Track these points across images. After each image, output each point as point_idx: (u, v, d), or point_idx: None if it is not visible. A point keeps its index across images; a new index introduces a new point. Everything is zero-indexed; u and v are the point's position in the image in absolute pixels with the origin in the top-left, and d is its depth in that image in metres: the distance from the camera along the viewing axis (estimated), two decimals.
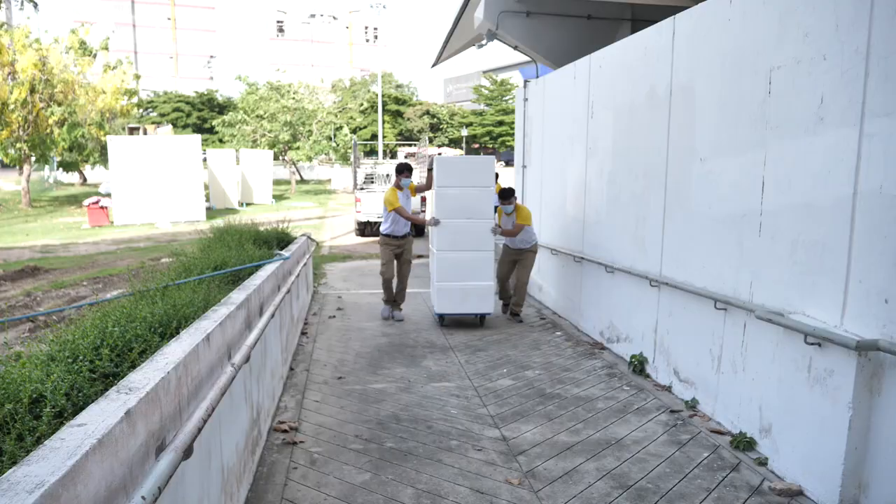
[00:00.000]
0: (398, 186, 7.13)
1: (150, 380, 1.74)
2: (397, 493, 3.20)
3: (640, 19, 9.84)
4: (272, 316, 3.69)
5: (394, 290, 7.41)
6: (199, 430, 1.80)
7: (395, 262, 7.36)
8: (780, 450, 3.47)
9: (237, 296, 3.25)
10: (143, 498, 1.33)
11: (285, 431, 3.99)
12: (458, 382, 5.02)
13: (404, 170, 7.20)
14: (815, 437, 3.17)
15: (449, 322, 7.05)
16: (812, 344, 3.15)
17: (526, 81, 9.28)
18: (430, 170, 7.00)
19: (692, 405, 4.43)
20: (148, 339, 2.75)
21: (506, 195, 6.99)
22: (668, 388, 4.81)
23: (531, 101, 8.69)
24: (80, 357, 2.40)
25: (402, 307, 7.50)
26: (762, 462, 3.56)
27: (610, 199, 6.02)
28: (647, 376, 5.13)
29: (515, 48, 10.10)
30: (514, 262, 7.30)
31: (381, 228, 7.34)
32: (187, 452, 1.71)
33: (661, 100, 4.97)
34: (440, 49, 13.72)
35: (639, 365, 5.23)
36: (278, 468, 3.47)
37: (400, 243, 7.29)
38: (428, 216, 8.36)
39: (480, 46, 10.30)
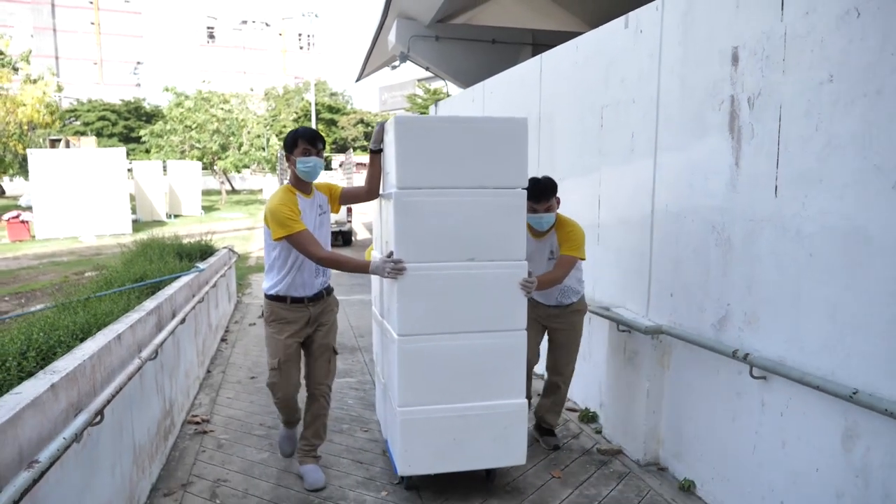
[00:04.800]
0: (298, 185, 3.42)
1: (69, 365, 2.31)
2: (289, 465, 3.81)
3: (541, 44, 10.71)
4: (183, 321, 4.23)
5: (299, 411, 3.77)
6: (108, 401, 2.38)
7: (301, 356, 3.65)
8: (609, 419, 4.25)
9: (149, 303, 3.80)
10: (63, 438, 1.91)
11: (197, 423, 4.52)
12: (359, 378, 5.65)
13: (315, 139, 3.38)
14: (628, 406, 3.95)
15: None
16: (623, 331, 3.93)
17: (437, 101, 10.05)
18: (373, 151, 3.57)
19: None
20: (70, 344, 3.26)
21: (539, 193, 3.61)
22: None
23: None
24: (9, 360, 2.91)
25: (318, 454, 3.73)
26: (598, 431, 4.34)
27: None
28: None
29: (427, 69, 10.84)
30: (543, 332, 4.05)
31: (265, 287, 3.52)
32: (98, 417, 2.28)
33: (534, 125, 5.74)
34: (362, 66, 14.36)
35: None
36: (189, 452, 4.02)
37: (307, 315, 3.53)
38: (376, 254, 3.99)
39: (394, 68, 10.98)
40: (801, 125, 2.65)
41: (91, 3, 61.34)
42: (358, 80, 15.59)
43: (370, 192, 3.70)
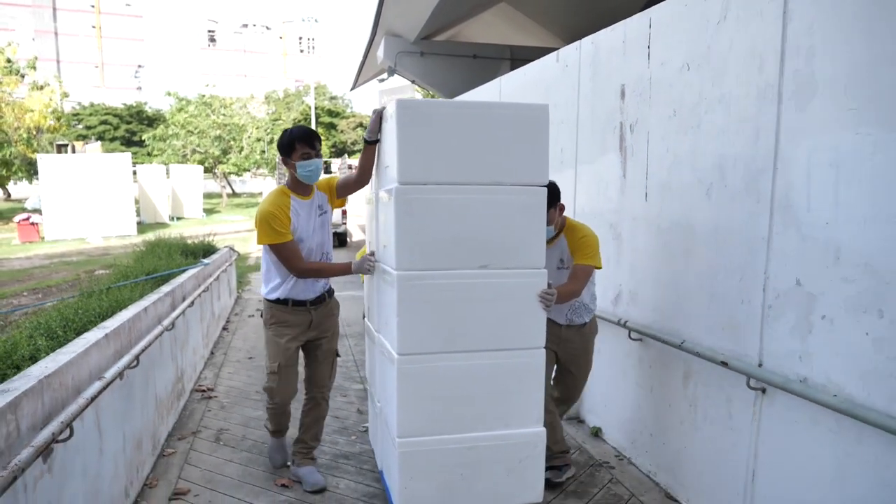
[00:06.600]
0: (297, 188, 3.36)
1: (114, 324, 3.18)
2: None
3: (518, 58, 11.58)
4: (192, 304, 5.10)
5: (289, 418, 3.81)
6: (143, 350, 3.25)
7: (300, 360, 3.58)
8: None
9: (165, 288, 4.68)
10: (118, 367, 2.78)
11: (203, 391, 5.39)
12: (344, 357, 6.51)
13: (313, 139, 3.30)
14: None
15: None
16: None
17: None
18: (368, 142, 3.30)
19: None
20: (98, 323, 4.12)
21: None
22: None
23: None
24: (58, 331, 3.77)
25: (314, 455, 3.73)
26: None
27: None
28: None
29: (413, 82, 11.71)
30: (554, 356, 3.54)
31: (264, 291, 3.51)
32: (135, 361, 3.15)
33: None
34: (355, 77, 15.24)
35: None
36: (197, 411, 4.89)
37: (308, 318, 3.48)
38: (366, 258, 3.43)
39: (382, 81, 11.85)
40: (659, 147, 3.52)
41: (92, 6, 62.24)
42: (352, 89, 16.48)
43: (360, 179, 3.47)
